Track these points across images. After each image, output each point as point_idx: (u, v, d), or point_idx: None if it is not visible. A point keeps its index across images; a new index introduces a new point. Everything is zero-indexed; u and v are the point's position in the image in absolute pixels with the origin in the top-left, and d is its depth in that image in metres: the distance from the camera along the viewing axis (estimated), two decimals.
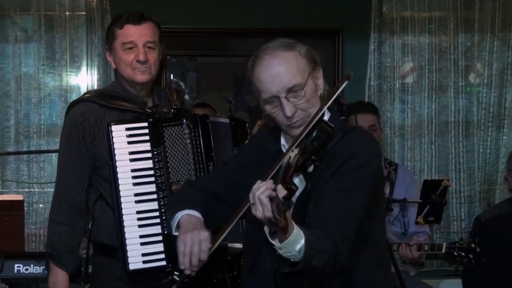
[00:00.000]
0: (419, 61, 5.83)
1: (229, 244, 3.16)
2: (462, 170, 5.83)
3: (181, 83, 6.04)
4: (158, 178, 3.08)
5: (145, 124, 3.12)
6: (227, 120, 3.35)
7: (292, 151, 2.33)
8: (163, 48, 3.32)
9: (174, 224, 2.56)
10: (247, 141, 3.20)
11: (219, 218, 2.56)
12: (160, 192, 3.07)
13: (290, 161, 2.30)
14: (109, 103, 3.18)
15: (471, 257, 4.48)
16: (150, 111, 3.19)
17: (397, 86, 5.85)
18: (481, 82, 5.85)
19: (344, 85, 2.38)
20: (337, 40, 5.89)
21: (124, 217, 3.04)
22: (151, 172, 3.08)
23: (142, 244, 3.02)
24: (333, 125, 2.40)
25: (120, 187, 3.05)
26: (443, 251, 4.58)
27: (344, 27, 5.88)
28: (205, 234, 2.46)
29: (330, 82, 5.70)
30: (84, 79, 5.74)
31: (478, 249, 4.49)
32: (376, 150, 2.48)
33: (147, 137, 3.10)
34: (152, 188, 3.08)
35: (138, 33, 3.17)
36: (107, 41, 3.29)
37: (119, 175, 3.05)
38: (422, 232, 4.82)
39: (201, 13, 5.84)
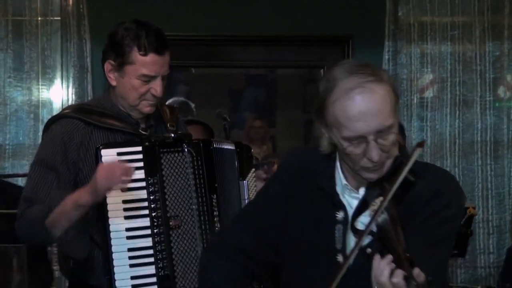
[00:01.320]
0: (440, 72, 5.73)
1: None
2: (490, 197, 5.70)
3: (188, 101, 5.81)
4: (153, 211, 2.92)
5: (139, 148, 2.94)
6: (232, 146, 3.17)
7: (380, 203, 2.15)
8: None
9: None
10: (253, 170, 3.15)
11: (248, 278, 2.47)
12: (155, 228, 2.91)
13: (390, 216, 2.12)
14: (97, 121, 2.99)
15: None
16: (144, 133, 3.03)
17: (415, 101, 5.74)
18: None
19: (417, 154, 2.18)
20: (347, 49, 5.82)
21: (114, 255, 2.87)
22: (145, 204, 2.92)
23: (134, 286, 2.87)
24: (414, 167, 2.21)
25: (110, 221, 2.89)
26: None
27: (355, 34, 5.79)
28: None
29: None
30: (58, 93, 5.65)
31: None
32: (463, 197, 2.39)
33: (141, 164, 2.92)
34: (146, 222, 2.92)
35: (160, 65, 2.95)
36: (114, 55, 2.97)
37: (108, 207, 2.88)
38: None
39: (193, 18, 5.77)
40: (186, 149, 2.98)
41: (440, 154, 5.66)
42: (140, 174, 2.90)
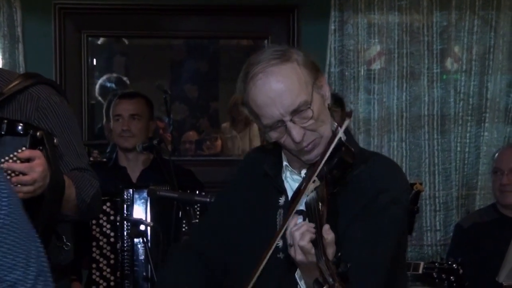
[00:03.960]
0: (388, 43, 5.61)
1: None
2: (437, 172, 5.62)
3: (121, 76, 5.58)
4: None
5: None
6: None
7: (314, 182, 2.18)
8: None
9: None
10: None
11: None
12: None
13: (318, 195, 2.16)
14: None
15: (453, 280, 4.34)
16: None
17: (362, 73, 5.64)
18: (459, 68, 5.64)
19: (345, 125, 2.27)
20: (292, 19, 5.68)
21: None
22: None
23: None
24: (353, 150, 2.26)
25: None
26: (420, 271, 4.45)
27: (299, 4, 5.67)
28: None
29: None
30: None
31: (461, 271, 4.35)
32: (406, 182, 2.43)
33: None
34: None
35: None
36: None
37: None
38: None
39: None
40: None
41: (387, 128, 5.58)
42: None
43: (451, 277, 4.31)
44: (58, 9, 5.37)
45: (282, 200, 2.36)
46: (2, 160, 2.63)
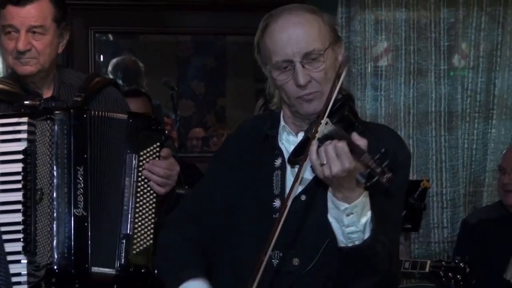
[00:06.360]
0: (395, 40, 5.57)
1: None
2: (444, 169, 5.58)
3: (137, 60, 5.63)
4: (27, 184, 2.90)
5: (23, 119, 2.92)
6: (122, 116, 3.02)
7: (326, 124, 2.18)
8: (66, 28, 3.10)
9: None
10: (157, 144, 2.94)
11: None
12: (28, 202, 2.89)
13: (336, 127, 2.16)
14: None
15: (460, 278, 4.38)
16: (27, 102, 2.97)
17: (369, 70, 5.60)
18: (467, 65, 5.61)
19: (343, 74, 2.27)
20: None
21: None
22: (19, 177, 2.91)
23: None
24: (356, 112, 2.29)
25: None
26: (427, 270, 4.47)
27: None
28: None
29: None
30: None
31: (467, 269, 4.37)
32: (407, 148, 2.44)
33: (22, 135, 2.92)
34: (18, 196, 2.90)
35: (20, 16, 2.94)
36: None
37: None
38: None
39: None
40: (56, 117, 2.89)
41: (394, 125, 5.50)
42: (19, 146, 2.89)
43: (458, 276, 4.34)
44: None
45: (278, 162, 2.37)
46: (141, 153, 2.86)
